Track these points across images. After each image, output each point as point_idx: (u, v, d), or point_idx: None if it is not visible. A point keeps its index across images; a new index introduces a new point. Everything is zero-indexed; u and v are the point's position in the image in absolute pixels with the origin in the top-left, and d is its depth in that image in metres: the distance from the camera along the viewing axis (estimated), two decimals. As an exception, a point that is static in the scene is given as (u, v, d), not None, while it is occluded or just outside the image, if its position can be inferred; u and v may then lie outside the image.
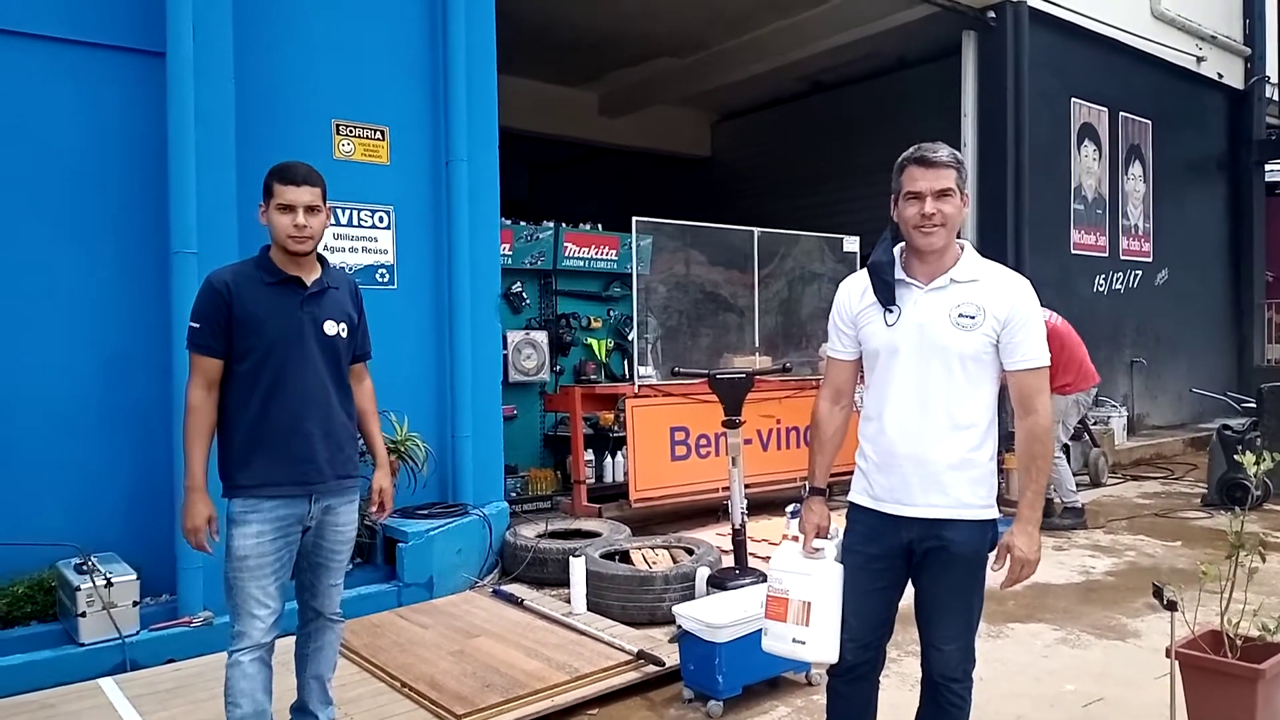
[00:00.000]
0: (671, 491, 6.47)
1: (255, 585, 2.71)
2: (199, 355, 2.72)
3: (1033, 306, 2.42)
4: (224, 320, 2.70)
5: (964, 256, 2.47)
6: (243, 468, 2.73)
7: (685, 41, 11.21)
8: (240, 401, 2.74)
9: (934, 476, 2.40)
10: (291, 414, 2.74)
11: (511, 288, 7.29)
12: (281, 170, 2.78)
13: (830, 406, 2.64)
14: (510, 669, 3.73)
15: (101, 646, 3.87)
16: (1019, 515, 2.41)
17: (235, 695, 2.74)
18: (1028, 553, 2.37)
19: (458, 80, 5.35)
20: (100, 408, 4.36)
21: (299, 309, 2.79)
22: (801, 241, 7.83)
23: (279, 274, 2.79)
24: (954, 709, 2.48)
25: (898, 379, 2.44)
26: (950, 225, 2.41)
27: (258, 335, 2.72)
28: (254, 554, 2.71)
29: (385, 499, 3.07)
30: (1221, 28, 12.00)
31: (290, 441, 2.74)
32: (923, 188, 2.39)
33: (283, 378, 2.73)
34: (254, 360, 2.72)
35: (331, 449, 2.82)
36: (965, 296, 2.40)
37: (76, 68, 4.32)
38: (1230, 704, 2.97)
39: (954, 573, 2.43)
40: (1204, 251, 12.09)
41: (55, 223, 4.28)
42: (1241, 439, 7.00)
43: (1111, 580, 5.34)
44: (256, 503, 2.72)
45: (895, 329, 2.44)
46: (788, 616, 2.54)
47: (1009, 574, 2.40)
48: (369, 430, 3.08)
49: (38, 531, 4.10)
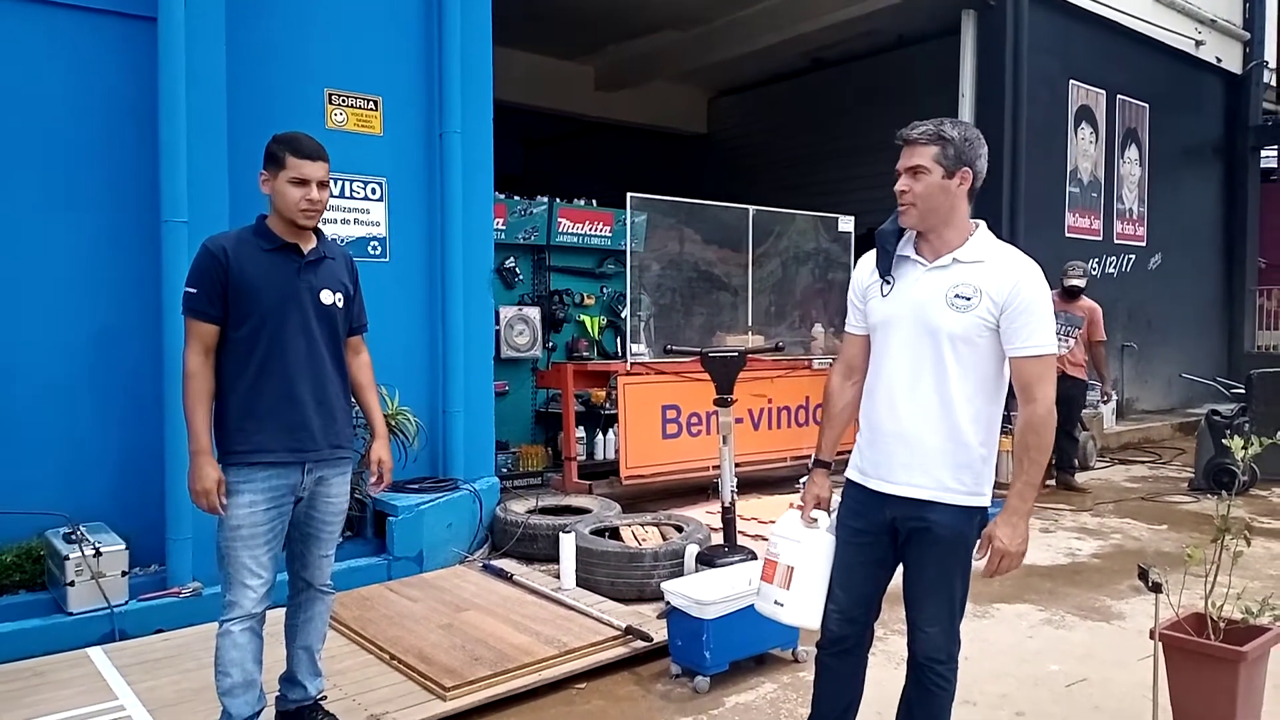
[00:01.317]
0: (662, 469, 6.48)
1: (248, 555, 2.72)
2: (196, 320, 2.69)
3: (1036, 291, 2.31)
4: (221, 286, 2.68)
5: (974, 237, 2.40)
6: (237, 436, 2.72)
7: (685, 14, 11.10)
8: (236, 368, 2.73)
9: (917, 457, 2.38)
10: (286, 381, 2.74)
11: (504, 263, 7.26)
12: (293, 142, 2.76)
13: (842, 381, 2.62)
14: (499, 643, 3.75)
15: (90, 616, 3.87)
16: (1006, 505, 2.33)
17: (225, 665, 2.75)
18: (1009, 544, 2.30)
19: (452, 51, 5.28)
20: (90, 377, 4.33)
21: (296, 276, 2.79)
22: (797, 220, 7.80)
23: (277, 241, 2.79)
24: (938, 690, 2.48)
25: (891, 356, 2.43)
26: (925, 204, 2.35)
27: (255, 301, 2.70)
28: (247, 523, 2.71)
29: (385, 470, 3.04)
30: (1221, 11, 11.94)
31: (284, 409, 2.74)
32: (899, 165, 2.39)
33: (279, 344, 2.73)
34: (251, 326, 2.71)
35: (325, 418, 2.82)
36: (965, 277, 2.34)
37: (67, 32, 4.25)
38: (1212, 685, 3.00)
39: (936, 555, 2.41)
40: (1197, 236, 12.10)
41: (45, 191, 4.23)
42: (1230, 424, 7.05)
43: (1097, 563, 5.39)
44: (250, 472, 2.71)
45: (889, 301, 2.43)
46: (774, 579, 2.60)
47: (988, 564, 2.34)
48: (367, 402, 3.06)
49: (27, 500, 4.09)
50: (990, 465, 2.42)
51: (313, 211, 2.77)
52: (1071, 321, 7.30)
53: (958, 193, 2.37)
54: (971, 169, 2.37)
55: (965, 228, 2.41)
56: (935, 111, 2.79)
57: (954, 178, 2.35)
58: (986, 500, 2.43)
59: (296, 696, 3.04)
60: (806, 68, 13.15)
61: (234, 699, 2.78)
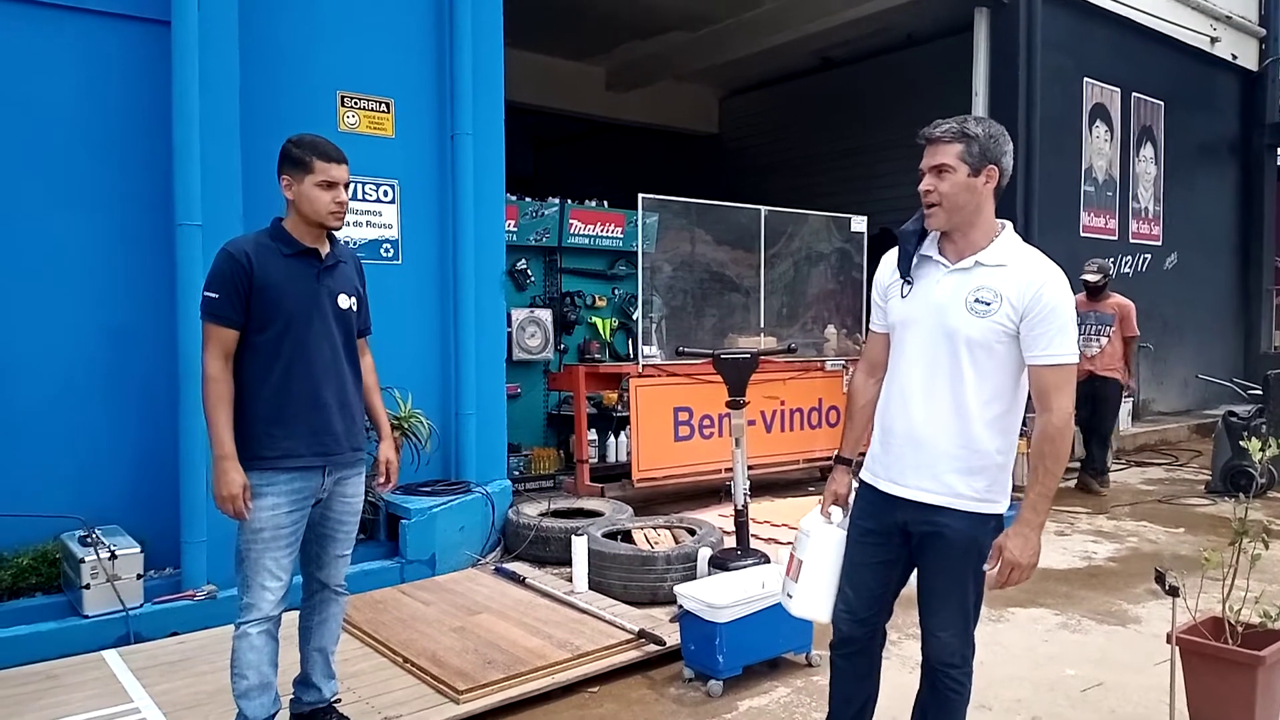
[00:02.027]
0: (674, 472, 6.47)
1: (269, 558, 2.73)
2: (217, 325, 2.68)
3: (1059, 298, 2.25)
4: (245, 290, 2.67)
5: (999, 239, 2.34)
6: (264, 440, 2.72)
7: (694, 15, 11.09)
8: (260, 373, 2.73)
9: (928, 461, 2.35)
10: (312, 385, 2.76)
11: (516, 265, 7.26)
12: (317, 145, 2.78)
13: (865, 379, 2.60)
14: (512, 646, 3.75)
15: (105, 619, 3.89)
16: (1019, 517, 2.28)
17: (242, 667, 2.77)
18: (1019, 556, 2.25)
19: (463, 53, 5.29)
20: (105, 380, 4.35)
21: (316, 281, 2.81)
22: (809, 221, 7.76)
23: (297, 245, 2.79)
24: (952, 694, 2.46)
25: (907, 357, 2.40)
26: (951, 204, 2.30)
27: (278, 306, 2.71)
28: (270, 526, 2.72)
29: (391, 470, 3.07)
30: (1237, 8, 11.84)
31: (310, 413, 2.76)
32: (922, 165, 2.35)
33: (303, 349, 2.75)
34: (275, 331, 2.72)
35: (347, 421, 2.86)
36: (986, 280, 2.29)
37: (82, 36, 4.28)
38: (1230, 690, 2.97)
39: (948, 560, 2.38)
40: (1213, 235, 12.00)
41: (60, 194, 4.25)
42: (1247, 426, 6.98)
43: (1114, 566, 5.35)
44: (274, 475, 2.72)
45: (908, 303, 2.40)
46: (789, 572, 2.65)
47: (998, 576, 2.29)
48: (373, 404, 3.10)
49: (42, 504, 4.11)
50: (1007, 472, 2.39)
51: (342, 214, 2.80)
52: (1102, 320, 7.18)
53: (984, 191, 2.32)
54: (997, 166, 2.32)
55: (991, 228, 2.36)
56: (947, 110, 2.75)
57: (980, 175, 2.30)
58: (1001, 507, 2.39)
59: (311, 699, 3.06)
60: (817, 67, 13.11)
61: (250, 701, 2.79)
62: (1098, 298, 7.29)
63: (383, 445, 3.08)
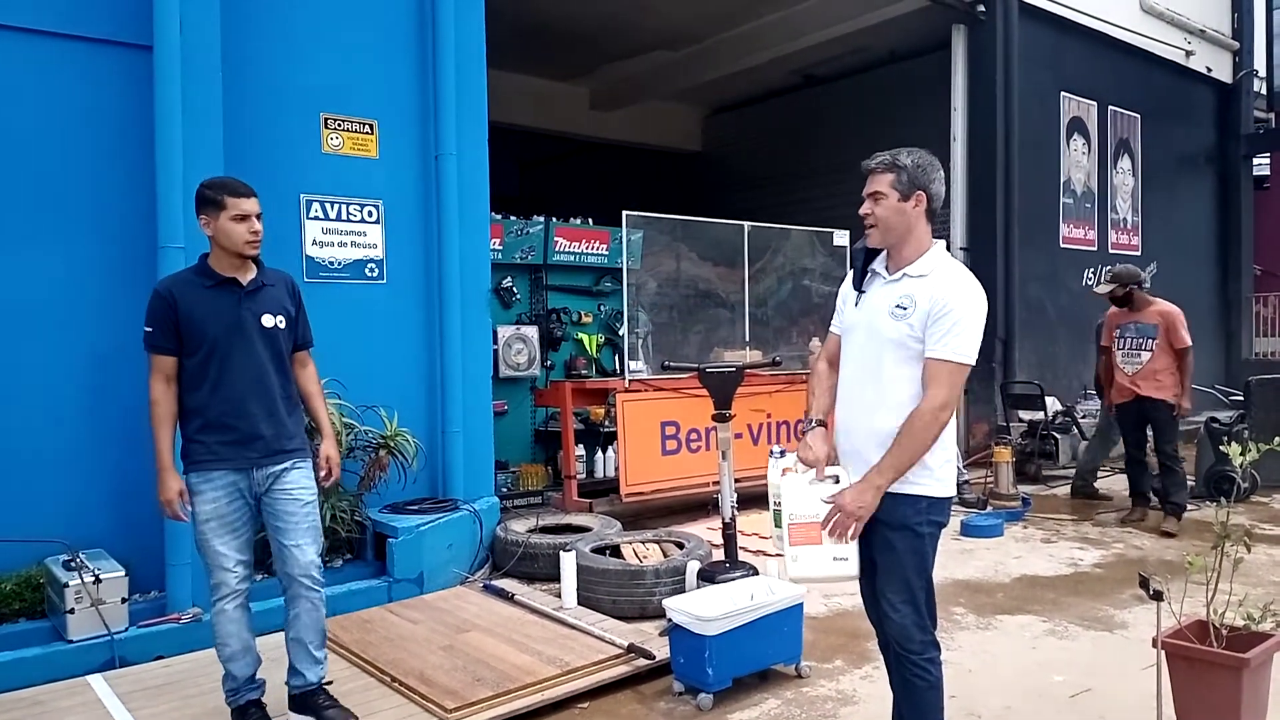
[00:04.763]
0: (662, 486, 6.47)
1: (219, 541, 3.12)
2: (156, 354, 3.11)
3: (959, 302, 2.47)
4: (172, 323, 3.08)
5: (927, 255, 2.58)
6: (197, 446, 3.13)
7: (676, 35, 11.19)
8: (193, 391, 3.13)
9: (859, 448, 2.61)
10: (237, 397, 3.12)
11: (502, 282, 7.28)
12: (227, 185, 3.15)
13: (826, 366, 2.86)
14: (500, 663, 3.74)
15: (90, 643, 3.86)
16: (864, 475, 2.51)
17: (223, 636, 3.15)
18: (847, 503, 2.49)
19: (447, 74, 5.33)
20: (88, 404, 4.33)
21: (238, 306, 3.14)
22: (792, 236, 7.83)
23: (217, 276, 3.15)
24: (919, 681, 2.59)
25: (849, 359, 2.70)
26: (884, 225, 2.57)
27: (202, 333, 3.09)
28: (213, 516, 3.11)
29: (332, 465, 3.38)
30: (1210, 21, 12.04)
31: (238, 421, 3.12)
32: (864, 192, 2.62)
33: (227, 367, 3.11)
34: (202, 354, 3.10)
35: (276, 425, 3.19)
36: (909, 289, 2.55)
37: (64, 61, 4.29)
38: (1215, 693, 2.99)
39: (882, 538, 2.57)
40: (1192, 245, 12.14)
41: (42, 218, 4.25)
42: (1229, 431, 7.04)
43: (1099, 572, 5.37)
44: (208, 473, 3.11)
45: (856, 310, 2.70)
46: (824, 538, 2.57)
47: (825, 515, 2.53)
48: (315, 408, 3.45)
49: (26, 528, 4.08)
50: (936, 457, 2.53)
51: (257, 242, 3.14)
52: (1143, 332, 6.29)
53: (914, 214, 2.58)
54: (926, 192, 2.58)
55: (921, 246, 2.60)
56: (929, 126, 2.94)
57: (909, 200, 2.57)
58: (930, 490, 2.54)
59: (298, 684, 3.26)
60: (799, 84, 13.23)
61: (235, 663, 3.19)
62: (1136, 307, 6.38)
63: (325, 443, 3.39)
